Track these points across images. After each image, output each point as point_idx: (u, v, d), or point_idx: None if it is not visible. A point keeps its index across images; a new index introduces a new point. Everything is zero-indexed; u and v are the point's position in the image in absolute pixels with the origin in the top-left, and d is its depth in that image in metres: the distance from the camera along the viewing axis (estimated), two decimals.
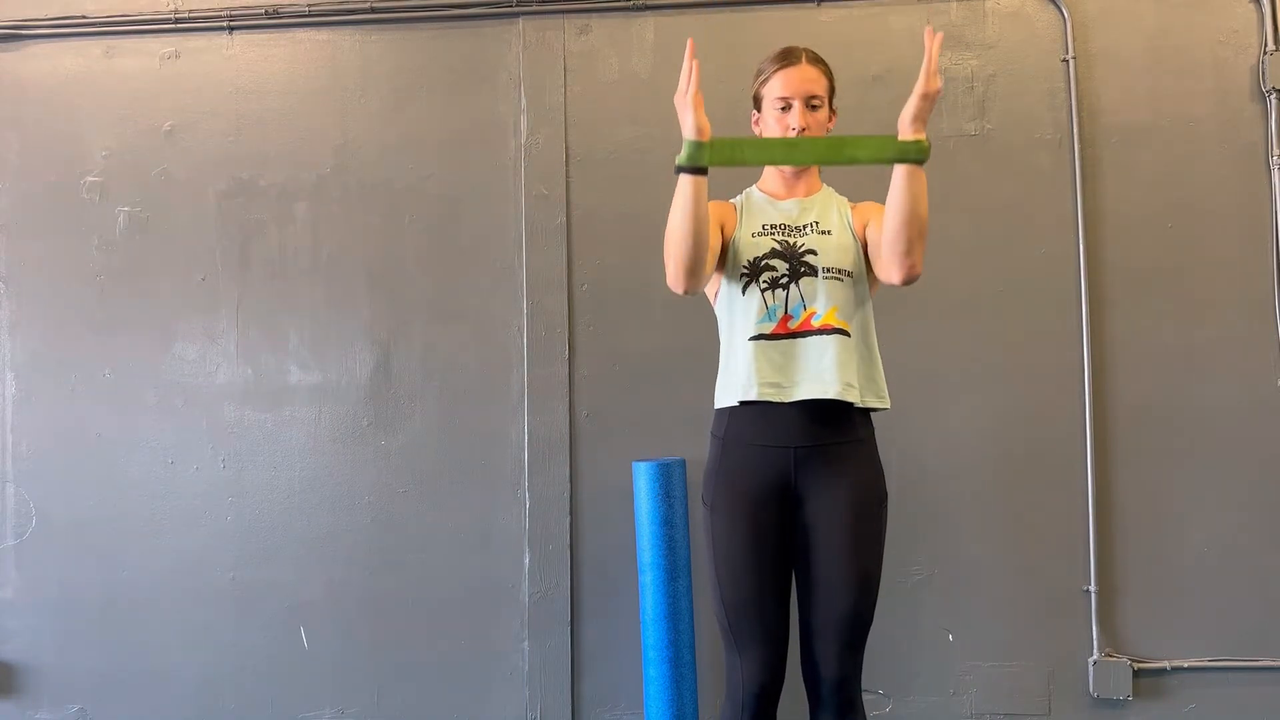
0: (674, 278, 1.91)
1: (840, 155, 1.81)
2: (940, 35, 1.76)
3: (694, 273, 1.89)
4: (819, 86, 2.00)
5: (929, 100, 1.76)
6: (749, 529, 1.94)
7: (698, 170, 1.81)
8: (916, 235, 1.85)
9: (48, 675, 2.99)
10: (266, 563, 2.95)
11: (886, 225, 1.86)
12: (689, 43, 1.77)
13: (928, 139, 1.78)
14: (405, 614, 2.92)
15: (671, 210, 1.86)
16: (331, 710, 2.93)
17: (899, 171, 1.81)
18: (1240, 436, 2.77)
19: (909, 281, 1.90)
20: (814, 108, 1.99)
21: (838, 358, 1.94)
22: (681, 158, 1.80)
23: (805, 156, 1.90)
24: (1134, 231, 2.83)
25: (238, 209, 3.02)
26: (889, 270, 1.91)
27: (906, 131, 1.78)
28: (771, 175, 2.08)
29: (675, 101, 1.81)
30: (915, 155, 1.79)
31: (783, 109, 1.99)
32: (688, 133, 1.78)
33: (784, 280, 1.96)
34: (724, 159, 1.80)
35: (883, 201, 1.91)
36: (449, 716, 2.91)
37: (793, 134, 1.97)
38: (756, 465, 1.95)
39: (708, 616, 2.15)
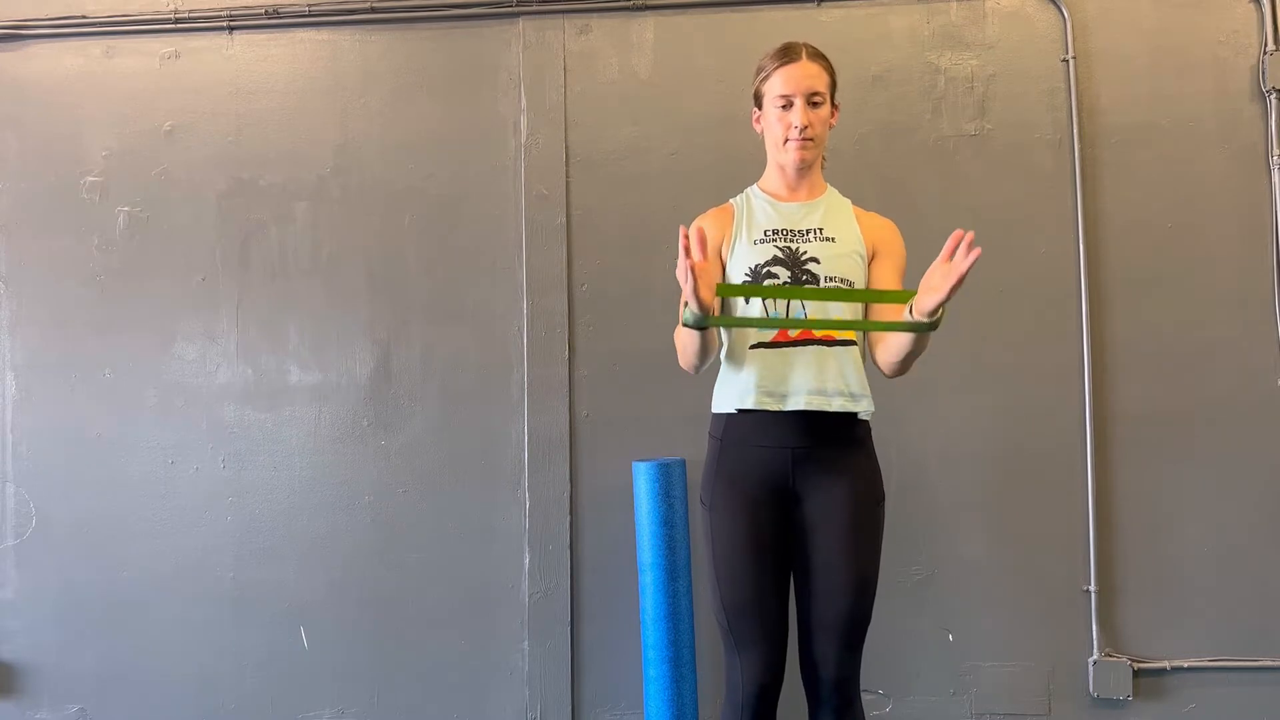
0: (684, 367, 2.01)
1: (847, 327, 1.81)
2: (979, 251, 1.61)
3: (701, 368, 1.99)
4: (820, 83, 1.98)
5: (948, 298, 1.67)
6: (748, 529, 1.94)
7: (701, 329, 1.83)
8: (914, 361, 1.93)
9: (48, 675, 2.99)
10: (266, 563, 2.95)
11: (889, 351, 1.92)
12: (680, 232, 1.69)
13: (944, 310, 1.71)
14: (405, 614, 2.92)
15: (678, 343, 1.96)
16: (331, 710, 2.93)
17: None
18: (1240, 436, 2.77)
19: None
20: (815, 105, 1.98)
21: (839, 368, 1.94)
22: (686, 320, 1.80)
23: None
24: (1134, 231, 2.83)
25: (238, 209, 3.02)
26: (880, 367, 1.99)
27: (926, 311, 1.70)
28: (773, 175, 2.07)
29: (677, 277, 1.73)
30: (929, 329, 1.75)
31: (784, 107, 1.98)
32: (693, 308, 1.73)
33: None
34: (727, 325, 1.90)
35: (889, 205, 1.91)
36: (449, 716, 2.91)
37: (795, 132, 1.96)
38: (755, 465, 1.95)
39: (707, 616, 2.15)
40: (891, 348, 1.92)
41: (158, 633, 2.96)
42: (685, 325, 1.83)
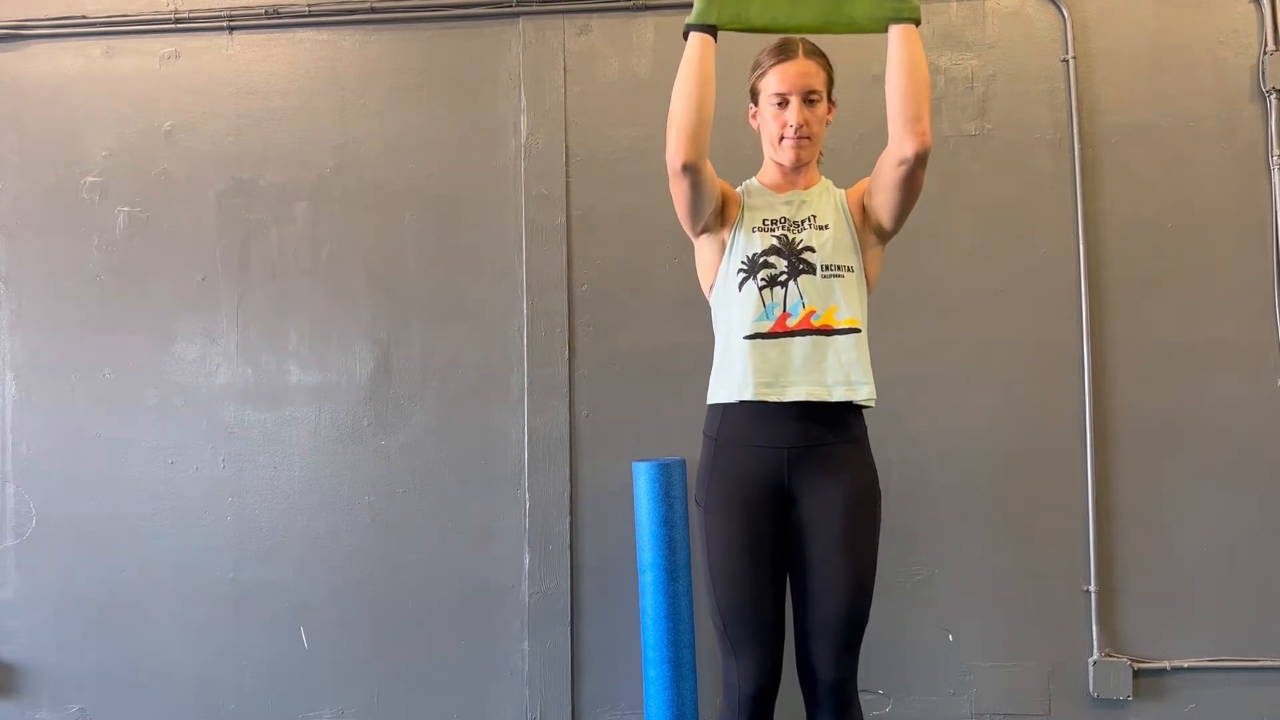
0: (675, 148, 1.86)
1: (839, 15, 1.87)
2: None
3: (697, 141, 1.85)
4: (817, 80, 1.98)
5: None
6: (743, 530, 1.93)
7: (706, 28, 1.84)
8: (923, 97, 1.86)
9: (48, 675, 2.99)
10: (266, 563, 2.95)
11: (891, 94, 1.87)
12: None
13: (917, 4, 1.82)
14: (405, 614, 2.92)
15: (678, 75, 1.87)
16: (331, 710, 2.93)
17: (896, 34, 1.85)
18: (1240, 436, 2.77)
19: (923, 155, 1.87)
20: (812, 102, 1.98)
21: (836, 358, 1.94)
22: (691, 16, 1.84)
23: (806, 15, 1.88)
24: (1134, 231, 2.82)
25: (238, 209, 3.02)
26: (901, 143, 1.87)
27: None
28: (770, 168, 2.07)
29: None
30: (909, 14, 1.83)
31: (780, 105, 1.98)
32: None
33: (782, 278, 1.95)
34: (731, 16, 1.86)
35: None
36: (449, 716, 2.91)
37: (790, 130, 1.96)
38: (750, 465, 1.95)
39: (707, 616, 2.15)
40: (892, 86, 1.87)
41: (158, 633, 2.96)
42: (689, 27, 1.85)
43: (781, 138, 1.98)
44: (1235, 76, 2.83)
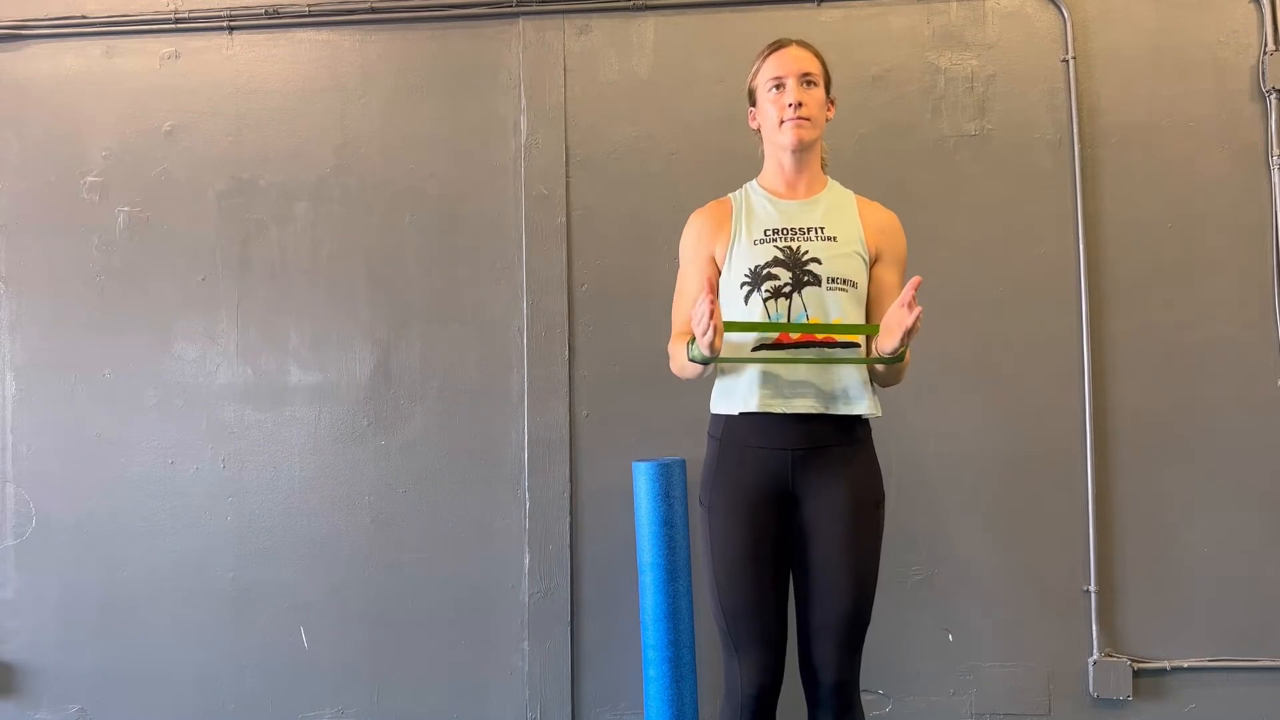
0: (677, 374, 2.07)
1: (828, 357, 1.93)
2: (918, 279, 1.71)
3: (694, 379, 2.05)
4: (812, 65, 1.98)
5: (911, 335, 1.75)
6: (747, 531, 1.93)
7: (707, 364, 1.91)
8: (894, 382, 2.01)
9: (48, 675, 2.99)
10: (266, 563, 2.95)
11: (871, 371, 2.00)
12: (706, 286, 1.76)
13: (907, 349, 1.83)
14: (405, 614, 2.92)
15: (680, 360, 1.98)
16: (331, 710, 2.93)
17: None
18: (1240, 437, 2.77)
19: None
20: (809, 83, 1.97)
21: (837, 371, 1.93)
22: (694, 356, 1.89)
23: (799, 360, 1.93)
24: (1134, 231, 2.83)
25: (238, 209, 3.02)
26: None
27: (886, 351, 1.81)
28: (773, 171, 2.05)
29: (694, 324, 1.77)
30: (895, 361, 1.87)
31: (776, 88, 1.97)
32: (704, 349, 1.79)
33: (786, 289, 1.94)
34: (731, 361, 1.97)
35: (890, 205, 1.92)
36: (449, 716, 2.91)
37: (790, 111, 1.95)
38: (754, 467, 1.95)
39: (708, 616, 2.16)
40: (870, 370, 2.00)
41: (158, 632, 2.96)
42: (693, 361, 1.91)
43: (781, 121, 1.97)
44: (1235, 76, 2.83)
